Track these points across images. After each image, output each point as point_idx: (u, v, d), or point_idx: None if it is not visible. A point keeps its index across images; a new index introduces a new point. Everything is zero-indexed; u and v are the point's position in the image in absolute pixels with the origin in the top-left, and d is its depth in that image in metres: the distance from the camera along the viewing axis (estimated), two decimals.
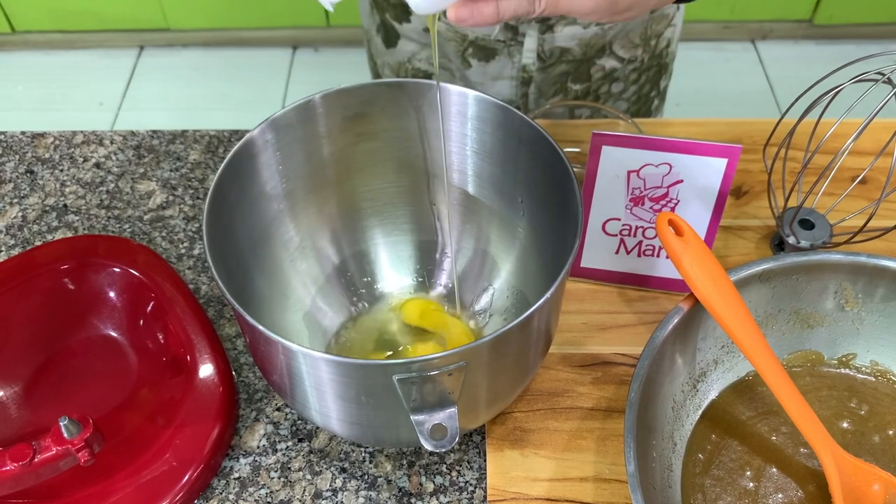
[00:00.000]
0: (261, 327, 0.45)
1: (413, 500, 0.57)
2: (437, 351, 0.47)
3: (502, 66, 0.85)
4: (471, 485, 0.57)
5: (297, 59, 2.14)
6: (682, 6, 0.87)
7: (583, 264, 0.66)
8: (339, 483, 0.58)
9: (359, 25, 2.10)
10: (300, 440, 0.60)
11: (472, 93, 0.56)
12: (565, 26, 0.80)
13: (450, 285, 0.65)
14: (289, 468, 0.59)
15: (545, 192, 0.56)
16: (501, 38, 0.82)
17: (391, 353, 0.62)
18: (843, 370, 0.60)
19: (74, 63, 2.13)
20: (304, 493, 0.57)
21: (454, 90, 0.56)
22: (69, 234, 0.72)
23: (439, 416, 0.47)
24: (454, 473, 0.58)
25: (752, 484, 0.55)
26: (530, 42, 0.81)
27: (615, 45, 0.83)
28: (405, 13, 0.85)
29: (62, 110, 2.01)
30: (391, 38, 0.88)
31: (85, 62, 2.13)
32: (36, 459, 0.48)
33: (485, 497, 0.57)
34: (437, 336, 0.63)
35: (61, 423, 0.48)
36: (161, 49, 2.16)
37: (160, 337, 0.63)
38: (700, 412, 0.58)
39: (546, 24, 0.80)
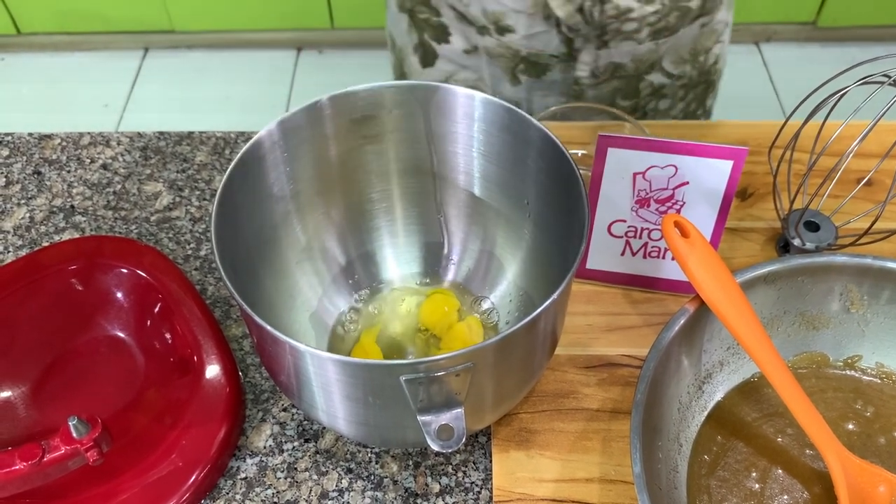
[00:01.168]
0: (269, 327, 0.45)
1: (419, 501, 0.57)
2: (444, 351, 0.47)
3: (552, 83, 0.85)
4: (476, 485, 0.58)
5: (301, 61, 2.14)
6: (730, 24, 0.87)
7: (588, 266, 0.66)
8: (345, 483, 0.58)
9: (364, 28, 2.12)
10: (306, 440, 0.60)
11: (479, 95, 0.56)
12: (622, 41, 0.80)
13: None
14: (295, 468, 0.59)
15: (551, 194, 0.57)
16: (556, 52, 0.82)
17: (398, 352, 0.63)
18: (848, 372, 0.60)
19: (79, 65, 2.14)
20: (310, 493, 0.58)
21: (461, 92, 0.56)
22: (76, 235, 0.73)
23: (446, 417, 0.47)
24: (460, 474, 0.58)
25: (757, 485, 0.55)
26: (587, 56, 0.81)
27: (665, 60, 0.83)
28: (445, 34, 0.85)
29: (67, 112, 2.01)
30: (429, 58, 0.88)
31: (90, 64, 2.14)
32: (45, 459, 0.48)
33: (490, 498, 0.57)
34: (442, 339, 0.63)
35: (70, 423, 0.48)
36: (165, 51, 2.16)
37: (167, 337, 0.63)
38: (706, 413, 0.58)
39: (602, 38, 0.80)
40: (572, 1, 0.76)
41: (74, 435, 0.48)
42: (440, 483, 0.58)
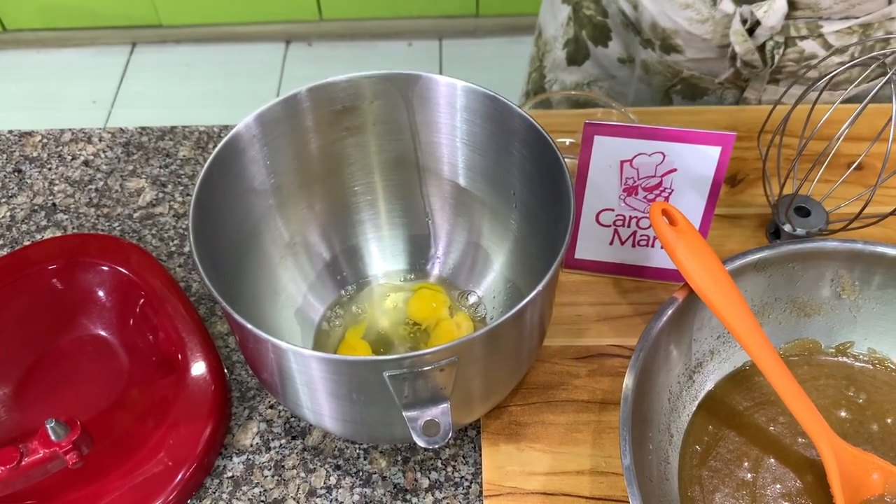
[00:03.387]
0: (249, 325, 0.45)
1: (408, 496, 0.56)
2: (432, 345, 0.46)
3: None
4: (466, 480, 0.57)
5: (290, 54, 2.12)
6: None
7: (577, 255, 0.65)
8: (333, 480, 0.57)
9: (353, 19, 2.10)
10: (294, 438, 0.59)
11: (460, 83, 0.55)
12: (795, 84, 0.76)
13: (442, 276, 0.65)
14: (282, 466, 0.58)
15: (537, 183, 0.56)
16: (721, 79, 0.78)
17: (386, 348, 0.62)
18: (840, 358, 0.60)
19: (67, 61, 2.12)
20: (298, 491, 0.57)
21: (442, 81, 0.55)
22: (58, 234, 0.72)
23: (432, 412, 0.46)
24: (449, 469, 0.58)
25: (749, 475, 0.54)
26: (753, 92, 0.79)
27: None
28: (605, 36, 0.82)
29: (55, 109, 2.00)
30: (579, 57, 0.85)
31: (77, 60, 2.12)
32: (23, 462, 0.47)
33: (480, 492, 0.56)
34: (431, 334, 0.62)
35: (48, 426, 0.47)
36: (153, 46, 2.15)
37: (150, 336, 0.62)
38: (697, 403, 0.57)
39: (775, 77, 0.77)
40: (754, 39, 0.73)
41: (53, 438, 0.47)
42: (429, 478, 0.57)
